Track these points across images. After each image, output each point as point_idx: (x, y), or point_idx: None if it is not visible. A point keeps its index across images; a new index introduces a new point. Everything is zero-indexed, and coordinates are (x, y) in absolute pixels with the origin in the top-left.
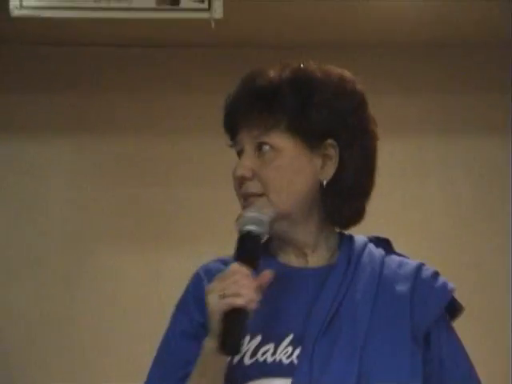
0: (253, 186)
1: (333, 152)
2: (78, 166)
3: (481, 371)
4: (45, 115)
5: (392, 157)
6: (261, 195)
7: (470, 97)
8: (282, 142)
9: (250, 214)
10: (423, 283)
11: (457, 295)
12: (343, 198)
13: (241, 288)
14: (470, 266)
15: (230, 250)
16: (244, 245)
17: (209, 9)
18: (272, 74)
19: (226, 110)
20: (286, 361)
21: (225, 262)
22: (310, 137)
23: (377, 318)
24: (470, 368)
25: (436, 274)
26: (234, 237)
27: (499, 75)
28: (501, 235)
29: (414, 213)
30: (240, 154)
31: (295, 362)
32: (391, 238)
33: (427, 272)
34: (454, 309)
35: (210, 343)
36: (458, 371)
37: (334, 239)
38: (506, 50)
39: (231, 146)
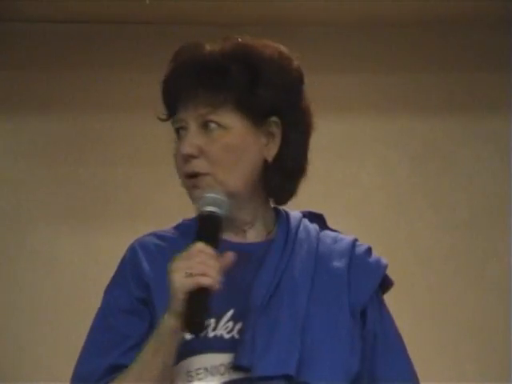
0: (199, 165)
1: (276, 130)
2: (15, 144)
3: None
4: None
5: (330, 136)
6: (207, 174)
7: (411, 75)
8: (230, 120)
9: (212, 194)
10: (358, 259)
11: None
12: (286, 176)
13: (208, 268)
14: (406, 244)
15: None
16: (206, 225)
17: None
18: (210, 48)
19: (165, 85)
20: (226, 336)
21: (160, 237)
22: (257, 114)
23: (316, 293)
24: (401, 343)
25: (369, 250)
26: (172, 215)
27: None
28: (436, 213)
29: (352, 192)
30: (180, 130)
31: (236, 336)
32: (329, 217)
33: (361, 248)
34: (385, 284)
35: (169, 321)
36: (390, 346)
37: (270, 215)
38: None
39: (165, 120)
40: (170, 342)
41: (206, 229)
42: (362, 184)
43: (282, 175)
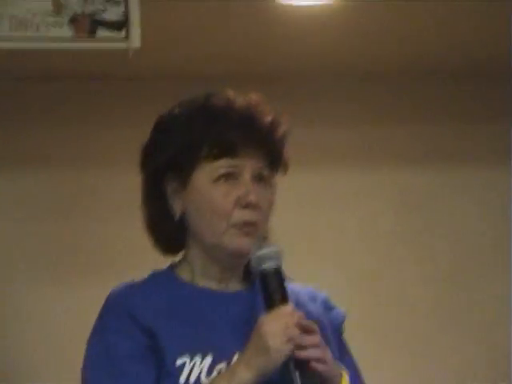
0: (257, 216)
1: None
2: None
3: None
4: None
5: (312, 187)
6: (259, 225)
7: (393, 126)
8: (273, 179)
9: (274, 248)
10: (325, 302)
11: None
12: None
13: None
14: (391, 294)
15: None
16: (278, 281)
17: (127, 38)
18: (260, 109)
19: (223, 133)
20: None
21: (138, 286)
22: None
23: None
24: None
25: (328, 298)
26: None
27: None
28: (419, 264)
29: (337, 244)
30: (226, 176)
31: None
32: (315, 268)
33: (322, 295)
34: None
35: (247, 375)
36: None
37: None
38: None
39: (209, 160)
40: None
41: (279, 286)
42: (346, 236)
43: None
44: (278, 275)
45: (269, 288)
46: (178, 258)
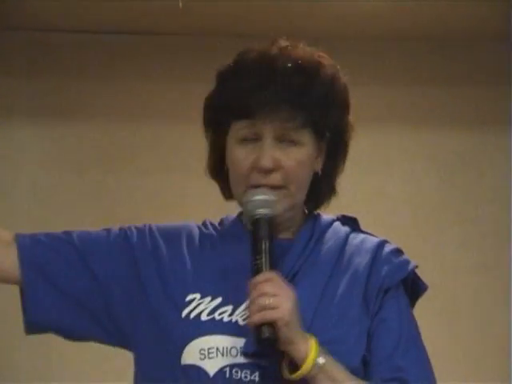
0: (276, 179)
1: (324, 145)
2: (45, 152)
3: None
4: (10, 100)
5: (357, 149)
6: (282, 187)
7: (440, 87)
8: (304, 138)
9: (264, 196)
10: (382, 256)
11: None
12: (326, 186)
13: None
14: (432, 257)
15: None
16: (262, 228)
17: None
18: (282, 59)
19: (243, 91)
20: (241, 322)
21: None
22: (321, 133)
23: (332, 285)
24: (402, 335)
25: (397, 251)
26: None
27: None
28: (463, 225)
29: (379, 205)
30: (247, 139)
31: None
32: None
33: (388, 248)
34: (415, 286)
35: None
36: (390, 334)
37: (301, 217)
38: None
39: (229, 124)
40: None
41: (262, 231)
42: (388, 197)
43: (323, 185)
44: (264, 224)
45: (256, 235)
46: None
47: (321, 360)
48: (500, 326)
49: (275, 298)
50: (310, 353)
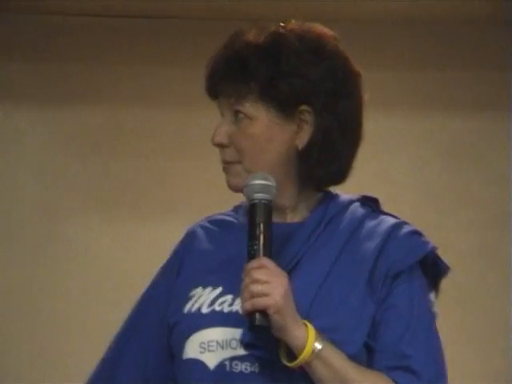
0: (229, 154)
1: (308, 117)
2: (48, 134)
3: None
4: (14, 85)
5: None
6: (236, 162)
7: (444, 71)
8: (255, 111)
9: (261, 181)
10: (397, 238)
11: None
12: (317, 162)
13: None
14: (437, 241)
15: None
16: (258, 213)
17: None
18: (249, 38)
19: (206, 73)
20: (241, 312)
21: (218, 222)
22: (282, 105)
23: (336, 272)
24: (413, 321)
25: (413, 233)
26: (206, 206)
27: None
28: (467, 209)
29: (383, 189)
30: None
31: None
32: None
33: (404, 229)
34: (435, 268)
35: None
36: (399, 319)
37: (313, 199)
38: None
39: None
40: None
41: (258, 216)
42: (392, 181)
43: (311, 161)
44: (259, 209)
45: (251, 220)
46: None
47: (317, 346)
48: (505, 310)
49: (267, 284)
50: (307, 340)
